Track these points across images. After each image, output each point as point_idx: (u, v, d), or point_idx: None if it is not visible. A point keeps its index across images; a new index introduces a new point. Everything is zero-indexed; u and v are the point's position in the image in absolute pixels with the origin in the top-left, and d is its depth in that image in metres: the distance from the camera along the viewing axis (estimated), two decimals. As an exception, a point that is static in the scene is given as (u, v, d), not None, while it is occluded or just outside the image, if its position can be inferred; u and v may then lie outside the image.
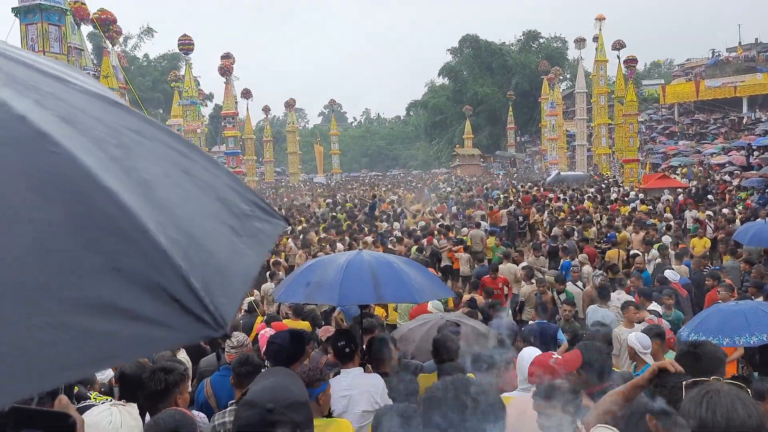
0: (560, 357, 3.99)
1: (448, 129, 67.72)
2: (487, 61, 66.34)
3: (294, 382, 2.39)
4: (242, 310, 8.81)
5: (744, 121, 47.09)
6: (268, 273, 11.57)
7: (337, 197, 32.59)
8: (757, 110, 47.85)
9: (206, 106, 57.14)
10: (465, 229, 17.23)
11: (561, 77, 56.62)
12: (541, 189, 30.29)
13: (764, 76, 48.49)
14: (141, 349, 0.90)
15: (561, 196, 25.74)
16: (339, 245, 14.54)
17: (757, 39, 60.17)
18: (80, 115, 1.03)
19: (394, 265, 4.89)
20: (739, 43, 59.63)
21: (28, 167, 0.86)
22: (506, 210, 21.39)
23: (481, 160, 56.54)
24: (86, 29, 26.08)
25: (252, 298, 9.15)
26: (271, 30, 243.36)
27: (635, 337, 5.35)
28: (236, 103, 38.09)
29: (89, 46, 29.69)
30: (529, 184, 34.35)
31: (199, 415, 3.79)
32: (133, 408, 2.92)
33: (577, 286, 10.52)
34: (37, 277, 0.81)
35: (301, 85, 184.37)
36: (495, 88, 63.20)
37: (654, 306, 7.92)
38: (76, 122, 0.99)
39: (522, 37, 68.40)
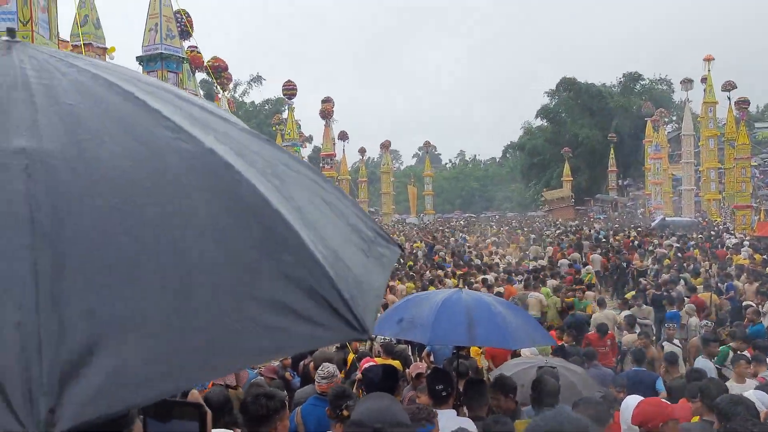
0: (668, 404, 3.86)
1: (546, 171, 66.44)
2: (586, 102, 64.92)
3: (397, 406, 2.48)
4: (335, 346, 8.99)
5: None
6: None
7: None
8: None
9: (305, 147, 59.37)
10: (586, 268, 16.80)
11: (666, 119, 54.49)
12: (643, 235, 28.99)
13: None
14: (310, 343, 1.09)
15: (667, 242, 24.55)
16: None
17: None
18: (246, 150, 1.24)
19: (492, 307, 4.79)
20: None
21: (222, 191, 1.08)
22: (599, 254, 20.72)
23: (572, 201, 54.98)
24: (200, 76, 28.09)
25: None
26: (368, 74, 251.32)
27: (755, 396, 4.82)
28: (334, 144, 39.38)
29: (201, 92, 31.85)
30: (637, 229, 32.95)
31: None
32: None
33: (673, 344, 9.63)
34: (236, 279, 1.01)
35: (396, 127, 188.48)
36: (595, 130, 61.57)
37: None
38: (245, 155, 1.20)
39: (623, 79, 66.59)
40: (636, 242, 25.01)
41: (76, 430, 0.78)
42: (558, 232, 34.31)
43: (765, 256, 18.70)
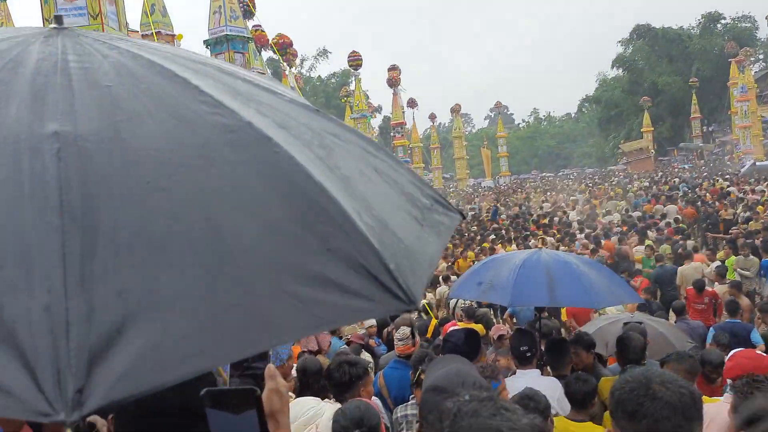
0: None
1: (625, 123, 63.77)
2: (664, 48, 61.60)
3: (473, 368, 2.44)
4: (418, 312, 9.08)
5: None
6: (441, 277, 11.80)
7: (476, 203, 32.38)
8: None
9: (375, 117, 59.54)
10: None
11: (752, 58, 50.88)
12: (733, 182, 27.43)
13: None
14: (350, 317, 1.07)
15: (759, 188, 23.14)
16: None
17: None
18: (291, 122, 1.22)
19: (573, 266, 4.67)
20: None
21: (259, 165, 1.06)
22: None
23: (651, 152, 52.48)
24: (266, 54, 28.55)
25: (426, 300, 9.40)
26: (433, 38, 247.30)
27: None
28: (403, 113, 39.25)
29: (268, 71, 32.40)
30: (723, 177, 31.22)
31: (378, 403, 3.99)
32: (335, 404, 3.20)
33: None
34: (274, 253, 0.99)
35: (465, 90, 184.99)
36: (675, 76, 58.39)
37: None
38: (288, 127, 1.18)
39: (702, 20, 62.51)
40: (724, 191, 23.68)
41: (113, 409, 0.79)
42: (644, 185, 32.91)
43: None
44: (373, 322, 7.17)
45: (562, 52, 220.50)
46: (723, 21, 61.57)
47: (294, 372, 4.20)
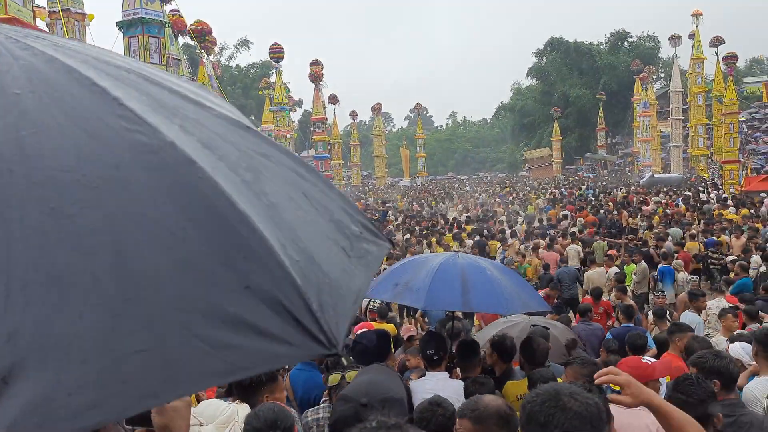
0: (651, 360, 3.87)
1: (536, 131, 66.43)
2: (575, 61, 64.60)
3: (392, 379, 2.46)
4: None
5: None
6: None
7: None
8: None
9: (296, 111, 58.81)
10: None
11: (654, 77, 54.21)
12: (638, 192, 29.18)
13: None
14: (265, 364, 0.99)
15: (655, 198, 24.71)
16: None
17: None
18: (218, 141, 1.12)
19: (488, 272, 4.75)
20: None
21: (179, 191, 0.97)
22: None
23: (553, 160, 55.32)
24: (184, 41, 27.53)
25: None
26: (359, 38, 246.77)
27: (740, 348, 4.90)
28: (324, 108, 38.99)
29: (185, 57, 31.30)
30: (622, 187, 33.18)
31: (294, 414, 3.93)
32: (244, 406, 3.13)
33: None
34: (187, 292, 0.90)
35: (387, 91, 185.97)
36: (584, 89, 61.40)
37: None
38: (214, 148, 1.08)
39: (610, 37, 66.01)
40: (625, 200, 25.12)
41: None
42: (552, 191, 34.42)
43: (752, 211, 18.86)
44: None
45: (482, 60, 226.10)
46: (630, 39, 65.18)
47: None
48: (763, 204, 20.18)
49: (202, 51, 26.58)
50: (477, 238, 16.55)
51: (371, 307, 9.54)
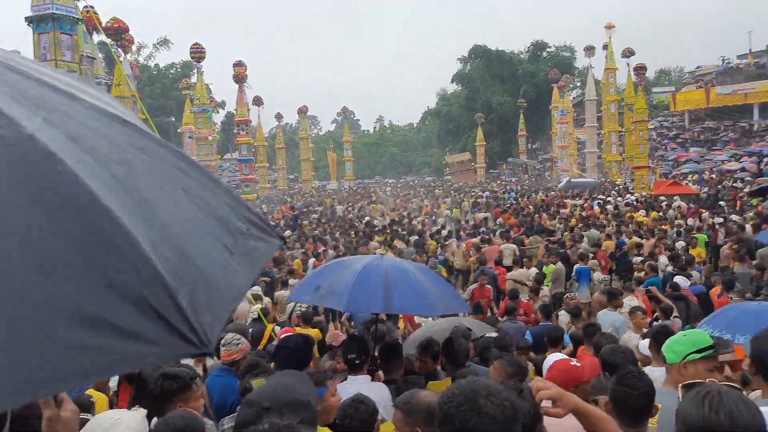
0: (579, 363, 3.98)
1: (461, 136, 67.88)
2: (497, 69, 66.50)
3: (300, 382, 2.41)
4: (251, 318, 8.85)
5: (755, 128, 46.74)
6: (281, 281, 11.63)
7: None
8: (770, 117, 47.51)
9: (218, 113, 57.51)
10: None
11: (571, 85, 56.52)
12: (550, 195, 30.28)
13: (776, 82, 48.13)
14: (127, 364, 0.95)
15: (571, 202, 25.70)
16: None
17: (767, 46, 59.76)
18: (87, 134, 1.07)
19: (411, 275, 4.80)
20: (750, 50, 59.18)
21: (35, 187, 0.91)
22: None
23: (472, 165, 57.00)
24: (100, 38, 26.42)
25: (259, 306, 9.20)
26: (285, 42, 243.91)
27: (647, 344, 5.03)
28: (249, 110, 38.33)
29: (100, 55, 30.05)
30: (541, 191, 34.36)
31: (208, 423, 3.81)
32: (140, 412, 2.99)
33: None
34: (39, 291, 0.85)
35: (314, 94, 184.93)
36: (506, 96, 63.26)
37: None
38: (82, 141, 1.03)
39: (530, 47, 68.43)
40: (544, 203, 26.02)
41: None
42: (475, 193, 35.24)
43: (660, 213, 19.92)
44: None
45: (409, 66, 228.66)
46: (548, 49, 67.72)
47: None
48: (671, 207, 21.35)
49: (119, 49, 25.56)
50: (416, 238, 16.82)
51: (297, 311, 9.42)
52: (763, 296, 8.85)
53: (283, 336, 5.56)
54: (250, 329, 8.16)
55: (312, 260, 14.46)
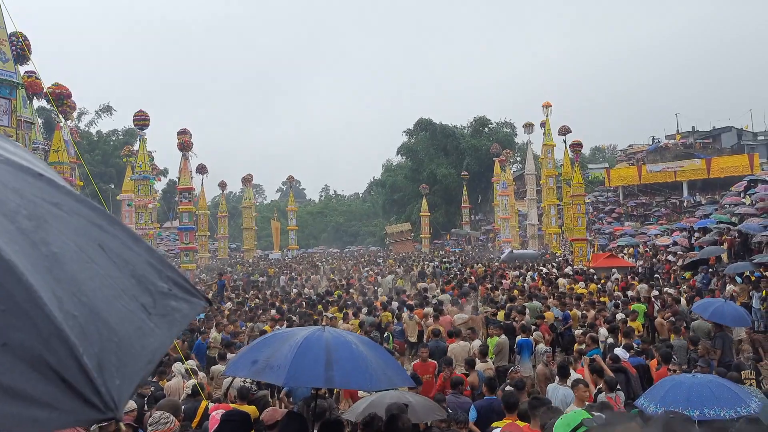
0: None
1: (406, 206, 69.00)
2: (441, 142, 68.80)
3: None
4: (186, 394, 8.40)
5: (684, 204, 49.25)
6: (218, 354, 11.18)
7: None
8: (697, 194, 50.21)
9: (160, 180, 56.70)
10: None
11: (512, 160, 58.72)
12: (492, 266, 30.70)
13: (702, 162, 51.25)
14: (24, 429, 0.83)
15: (514, 273, 26.08)
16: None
17: (693, 127, 64.11)
18: None
19: (353, 347, 4.69)
20: (677, 130, 63.34)
21: None
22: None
23: (411, 234, 57.84)
24: (40, 103, 25.96)
25: (196, 381, 8.76)
26: (232, 111, 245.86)
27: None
28: (192, 178, 37.97)
29: (39, 120, 29.49)
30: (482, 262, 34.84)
31: None
32: None
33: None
34: None
35: (259, 163, 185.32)
36: (450, 168, 65.15)
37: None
38: None
39: (473, 122, 71.30)
40: (486, 274, 26.30)
41: None
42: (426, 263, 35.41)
43: (599, 285, 20.40)
44: (132, 405, 6.43)
45: (356, 136, 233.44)
46: (490, 125, 70.67)
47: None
48: (610, 279, 21.91)
49: (59, 115, 25.12)
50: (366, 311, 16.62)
51: (237, 384, 8.98)
52: (699, 368, 9.03)
53: (217, 415, 5.28)
54: (184, 405, 7.75)
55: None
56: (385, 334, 13.84)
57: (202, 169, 44.18)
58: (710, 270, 20.65)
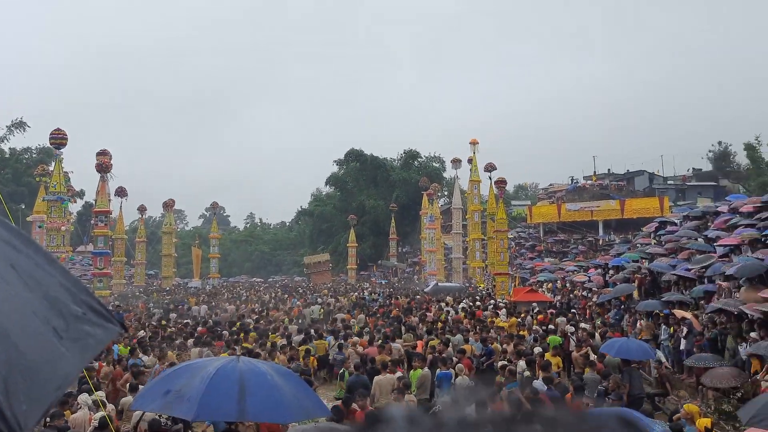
0: None
1: (334, 237, 68.78)
2: (371, 174, 69.39)
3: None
4: (92, 427, 7.94)
5: (600, 243, 51.51)
6: (128, 386, 10.66)
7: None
8: (611, 233, 52.66)
9: (75, 202, 54.21)
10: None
11: (439, 194, 59.91)
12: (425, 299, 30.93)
13: (617, 202, 53.94)
14: None
15: (440, 305, 26.34)
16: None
17: (609, 169, 67.59)
18: None
19: (268, 377, 4.61)
20: (594, 172, 66.59)
21: None
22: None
23: (329, 265, 57.95)
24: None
25: (104, 412, 8.30)
26: (160, 135, 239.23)
27: None
28: (110, 201, 36.55)
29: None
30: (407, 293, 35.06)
31: None
32: None
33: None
34: None
35: (182, 188, 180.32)
36: (379, 200, 65.68)
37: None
38: None
39: (403, 155, 72.43)
40: (409, 306, 26.45)
41: None
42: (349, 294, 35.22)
43: (519, 319, 20.89)
44: None
45: (285, 165, 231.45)
46: (419, 159, 71.95)
47: None
48: (529, 313, 22.48)
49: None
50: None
51: (148, 417, 8.57)
52: (611, 401, 9.38)
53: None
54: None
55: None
56: (341, 370, 13.44)
57: (121, 192, 42.61)
58: (623, 306, 21.56)
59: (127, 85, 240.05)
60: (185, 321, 24.13)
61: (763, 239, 17.65)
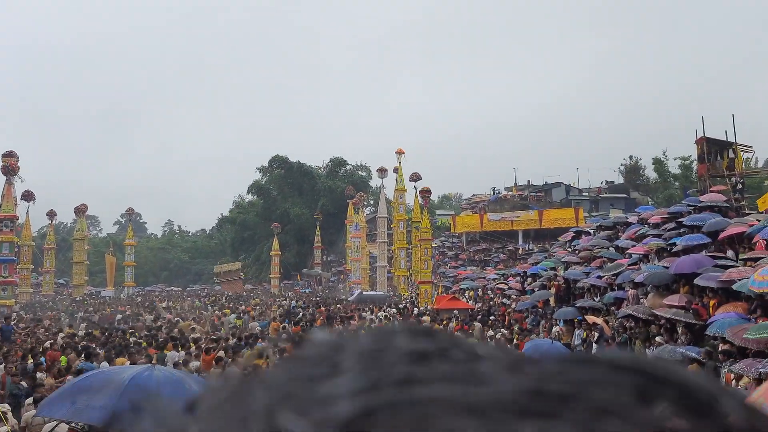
0: None
1: (256, 245, 67.55)
2: (296, 181, 68.73)
3: None
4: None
5: (519, 251, 53.11)
6: (32, 399, 9.99)
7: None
8: (530, 242, 54.41)
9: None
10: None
11: (365, 202, 60.12)
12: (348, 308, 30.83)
13: (535, 213, 55.85)
14: None
15: (363, 315, 26.35)
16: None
17: (528, 181, 69.88)
18: None
19: (186, 386, 4.47)
20: (515, 183, 68.74)
21: None
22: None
23: (241, 274, 57.39)
24: None
25: (8, 428, 7.76)
26: (77, 139, 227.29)
27: None
28: (16, 205, 34.47)
29: None
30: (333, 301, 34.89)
31: None
32: None
33: None
34: None
35: (100, 196, 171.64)
36: (304, 208, 65.17)
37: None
38: None
39: (329, 163, 72.24)
40: (330, 315, 26.34)
41: None
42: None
43: (441, 326, 21.19)
44: None
45: (208, 171, 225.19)
46: (346, 167, 71.94)
47: None
48: (452, 321, 22.85)
49: None
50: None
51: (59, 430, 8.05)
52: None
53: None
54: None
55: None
56: None
57: (28, 196, 40.14)
58: (539, 312, 22.29)
59: (40, 85, 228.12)
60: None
61: (668, 248, 18.66)
